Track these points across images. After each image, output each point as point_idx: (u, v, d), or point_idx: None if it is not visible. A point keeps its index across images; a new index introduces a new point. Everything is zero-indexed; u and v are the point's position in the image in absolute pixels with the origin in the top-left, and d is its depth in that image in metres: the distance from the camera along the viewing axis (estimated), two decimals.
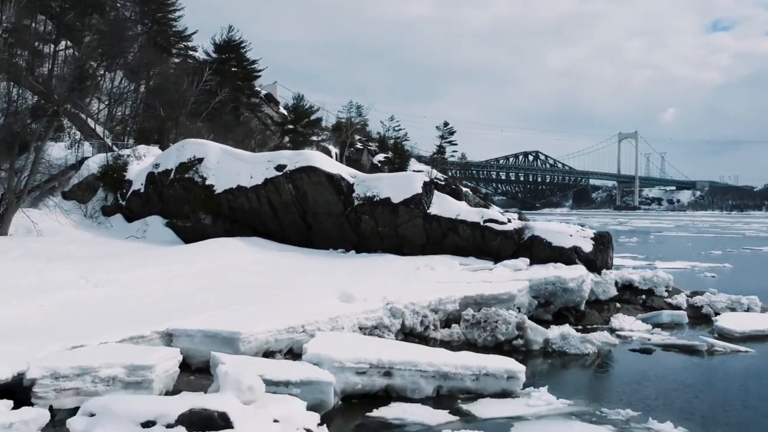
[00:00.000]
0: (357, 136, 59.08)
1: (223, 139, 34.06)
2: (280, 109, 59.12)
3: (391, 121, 66.92)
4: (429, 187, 25.51)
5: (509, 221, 24.47)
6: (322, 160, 26.92)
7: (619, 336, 17.97)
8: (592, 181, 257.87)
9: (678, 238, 73.09)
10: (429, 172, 41.86)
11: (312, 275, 19.75)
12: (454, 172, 71.07)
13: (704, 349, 16.64)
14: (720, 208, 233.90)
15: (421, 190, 24.83)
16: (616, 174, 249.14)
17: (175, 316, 13.43)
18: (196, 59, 51.22)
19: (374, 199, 25.07)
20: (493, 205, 44.16)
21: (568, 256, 22.15)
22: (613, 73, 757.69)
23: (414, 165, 55.23)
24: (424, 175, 28.32)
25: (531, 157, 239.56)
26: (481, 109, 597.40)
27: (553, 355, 15.98)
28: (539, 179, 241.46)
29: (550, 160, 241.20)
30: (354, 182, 25.95)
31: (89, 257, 21.30)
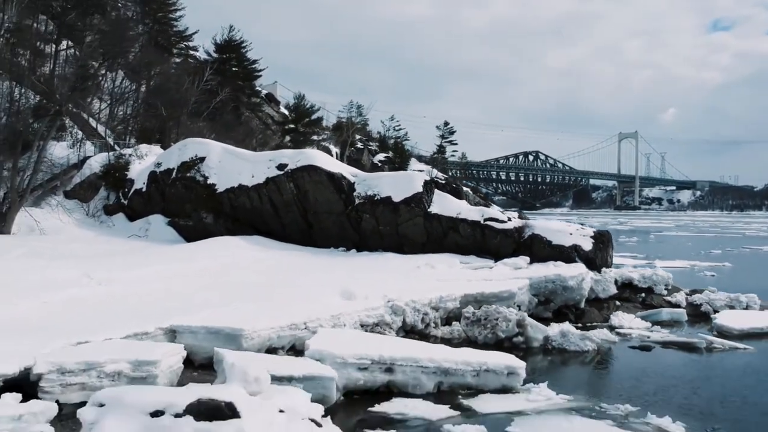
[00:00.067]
0: (357, 136, 59.17)
1: (224, 139, 34.05)
2: (280, 109, 59.23)
3: (392, 120, 66.96)
4: (429, 186, 25.58)
5: (509, 220, 24.55)
6: (323, 159, 27.02)
7: (619, 333, 18.06)
8: (592, 181, 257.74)
9: (678, 238, 73.13)
10: (429, 172, 41.87)
11: (313, 273, 19.81)
12: (455, 172, 71.11)
13: (703, 347, 16.75)
14: (720, 208, 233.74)
15: (421, 189, 24.89)
16: (617, 174, 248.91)
17: (177, 314, 13.56)
18: (197, 59, 51.27)
19: (375, 198, 25.15)
20: (493, 205, 44.11)
21: (568, 255, 22.24)
22: (613, 73, 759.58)
23: (414, 165, 55.13)
24: (424, 174, 28.41)
25: (531, 157, 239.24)
26: (482, 109, 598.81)
27: (553, 352, 16.10)
28: (539, 179, 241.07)
29: (551, 160, 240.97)
30: (355, 181, 26.03)
31: (92, 256, 21.39)
